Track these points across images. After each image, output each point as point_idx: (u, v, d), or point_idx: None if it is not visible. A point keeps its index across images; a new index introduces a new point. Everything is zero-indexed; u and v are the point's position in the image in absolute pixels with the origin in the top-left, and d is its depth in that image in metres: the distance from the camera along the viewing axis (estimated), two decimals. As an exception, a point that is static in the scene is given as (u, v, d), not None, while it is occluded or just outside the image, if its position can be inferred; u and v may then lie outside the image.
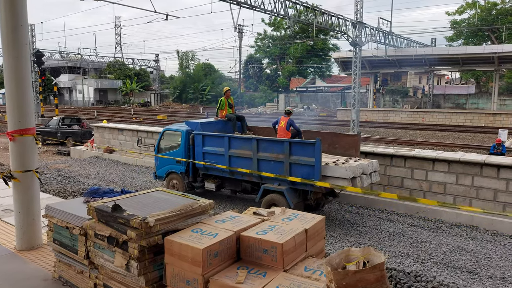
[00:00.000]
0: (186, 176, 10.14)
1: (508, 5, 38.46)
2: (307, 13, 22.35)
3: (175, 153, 10.19)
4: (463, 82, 46.91)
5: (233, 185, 9.78)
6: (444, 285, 5.06)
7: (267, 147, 8.53)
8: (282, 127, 9.56)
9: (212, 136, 9.51)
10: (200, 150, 9.56)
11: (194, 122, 10.33)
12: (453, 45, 40.04)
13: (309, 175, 7.92)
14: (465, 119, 30.89)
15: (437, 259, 7.14)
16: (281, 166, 8.30)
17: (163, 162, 10.54)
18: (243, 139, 9.05)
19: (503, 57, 29.47)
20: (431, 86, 37.96)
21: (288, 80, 51.78)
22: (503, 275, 6.53)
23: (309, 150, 7.94)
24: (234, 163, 8.97)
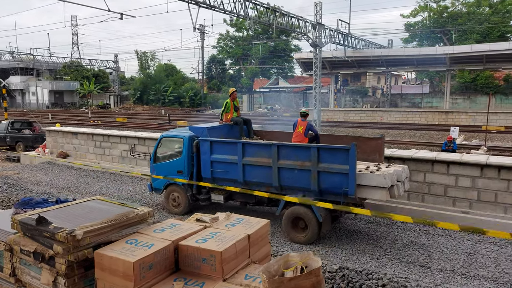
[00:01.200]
0: (189, 187, 9.05)
1: (458, 8, 40.51)
2: (267, 14, 22.41)
3: (176, 162, 9.12)
4: (418, 82, 48.95)
5: (245, 197, 8.61)
6: (394, 281, 5.12)
7: (290, 154, 7.61)
8: (300, 132, 8.74)
9: (223, 143, 8.49)
10: (207, 158, 8.47)
11: (199, 127, 9.23)
12: (408, 47, 41.70)
13: (342, 184, 7.08)
14: (420, 118, 32.16)
15: (391, 255, 7.28)
16: (307, 175, 7.41)
17: (161, 173, 9.39)
18: (261, 146, 8.06)
19: (454, 58, 30.96)
20: (388, 86, 39.28)
21: (252, 81, 51.87)
22: (453, 268, 6.75)
23: (342, 157, 7.07)
24: (249, 173, 8.04)
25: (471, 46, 30.99)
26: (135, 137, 14.50)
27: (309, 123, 8.83)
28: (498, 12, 38.20)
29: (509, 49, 28.48)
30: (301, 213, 7.56)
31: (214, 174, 8.51)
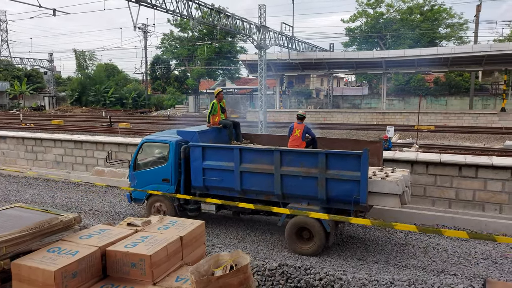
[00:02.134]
0: (176, 197, 8.40)
1: (392, 15, 43.15)
2: (212, 15, 22.29)
3: (160, 169, 8.43)
4: (358, 84, 51.42)
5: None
6: (330, 275, 5.32)
7: (295, 160, 7.13)
8: (297, 136, 8.38)
9: (217, 148, 7.96)
10: (198, 165, 7.88)
11: (189, 131, 8.59)
12: (348, 50, 43.66)
13: (352, 192, 6.71)
14: (360, 118, 33.78)
15: (331, 250, 7.56)
16: (313, 182, 6.96)
17: (143, 182, 8.64)
18: (261, 152, 7.53)
19: (390, 62, 32.90)
20: (330, 88, 40.83)
21: (198, 82, 51.32)
22: (387, 259, 7.15)
23: (352, 163, 6.67)
24: (248, 180, 7.53)
25: (405, 50, 33.12)
26: (72, 141, 13.73)
27: (306, 126, 8.48)
28: (428, 19, 41.27)
29: (437, 54, 30.85)
30: (307, 222, 7.05)
31: (206, 183, 7.87)
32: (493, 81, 40.03)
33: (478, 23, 35.20)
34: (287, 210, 6.97)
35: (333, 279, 5.22)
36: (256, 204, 7.62)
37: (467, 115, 31.02)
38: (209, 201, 7.91)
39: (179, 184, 8.29)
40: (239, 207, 7.96)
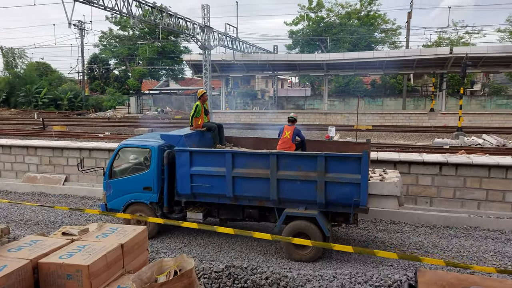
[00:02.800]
0: (159, 206, 7.93)
1: (332, 19, 44.95)
2: (153, 13, 21.69)
3: (141, 177, 7.93)
4: (301, 85, 52.91)
5: (232, 213, 7.84)
6: (276, 273, 5.41)
7: (292, 164, 6.93)
8: (287, 138, 8.18)
9: (207, 153, 7.57)
10: (185, 171, 7.40)
11: (175, 135, 8.09)
12: (291, 53, 44.74)
13: (352, 195, 6.63)
14: (303, 119, 34.76)
15: (277, 248, 7.69)
16: (312, 186, 6.82)
17: (120, 190, 8.10)
18: (256, 156, 7.17)
19: (330, 64, 34.23)
20: (275, 89, 41.56)
21: (140, 82, 49.65)
22: (331, 255, 7.42)
23: (352, 165, 6.59)
24: (241, 186, 7.20)
25: (344, 54, 34.67)
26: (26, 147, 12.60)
27: (296, 128, 8.27)
28: (364, 24, 43.57)
29: (373, 58, 32.66)
30: (305, 228, 6.94)
31: (194, 189, 7.44)
32: (423, 83, 43.29)
33: (409, 29, 37.86)
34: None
35: (279, 277, 5.31)
36: (248, 210, 7.57)
37: (400, 115, 33.18)
38: (195, 210, 7.63)
39: (162, 192, 7.80)
40: (230, 214, 7.80)
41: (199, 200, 7.73)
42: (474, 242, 7.98)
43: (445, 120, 30.92)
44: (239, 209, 7.72)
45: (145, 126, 29.92)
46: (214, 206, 7.88)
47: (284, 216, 7.08)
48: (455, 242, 7.98)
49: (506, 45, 38.61)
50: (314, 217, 6.87)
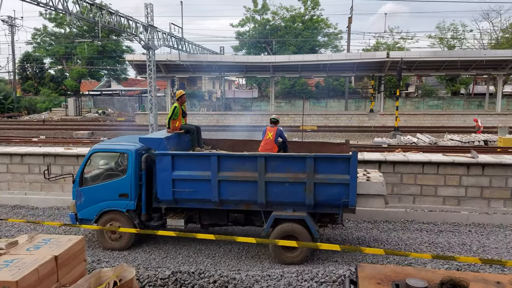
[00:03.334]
0: (137, 214, 7.53)
1: (277, 22, 45.79)
2: (92, 10, 20.62)
3: (116, 183, 7.50)
4: (248, 87, 53.31)
5: (215, 218, 7.63)
6: (224, 276, 5.37)
7: (281, 166, 6.87)
8: (270, 139, 8.10)
9: (190, 157, 7.29)
10: (167, 176, 7.10)
11: (155, 138, 7.65)
12: (238, 54, 44.91)
13: (341, 195, 6.68)
14: (251, 120, 35.02)
15: (225, 250, 7.64)
16: (301, 188, 6.80)
17: (92, 199, 7.59)
18: (243, 158, 7.01)
19: (276, 66, 34.82)
20: (222, 91, 41.44)
21: (78, 83, 47.04)
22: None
23: (341, 166, 6.66)
24: (227, 190, 7.03)
25: (289, 56, 35.44)
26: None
27: (279, 129, 8.23)
28: (308, 28, 44.90)
29: (317, 60, 33.75)
30: (293, 230, 6.89)
31: (177, 195, 7.16)
32: (363, 85, 45.55)
33: (350, 34, 39.64)
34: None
35: (227, 279, 5.28)
36: (233, 214, 7.43)
37: (343, 116, 34.60)
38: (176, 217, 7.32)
39: (140, 199, 7.45)
40: (213, 219, 7.60)
41: (180, 206, 7.47)
42: (410, 235, 8.51)
43: (383, 120, 32.73)
44: (223, 213, 7.52)
45: (85, 129, 28.43)
46: (196, 212, 7.63)
47: (272, 219, 6.97)
48: (393, 236, 8.45)
49: (436, 50, 41.81)
50: (303, 219, 6.85)
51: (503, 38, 44.66)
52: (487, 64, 31.85)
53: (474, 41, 47.65)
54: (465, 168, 9.59)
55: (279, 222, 6.99)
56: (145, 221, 7.57)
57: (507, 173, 9.43)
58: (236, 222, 7.68)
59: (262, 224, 7.32)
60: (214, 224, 7.87)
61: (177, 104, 8.41)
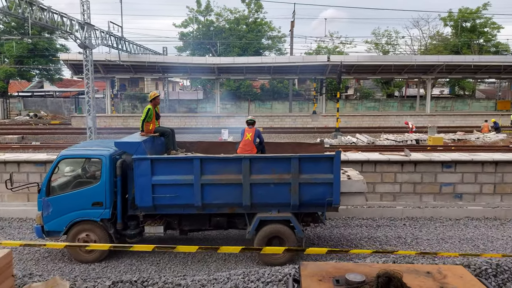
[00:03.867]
0: (112, 223, 7.11)
1: (221, 24, 45.72)
2: (21, 6, 19.10)
3: (89, 191, 7.06)
4: (193, 89, 52.62)
5: (197, 223, 7.43)
6: (169, 282, 5.22)
7: (265, 167, 6.81)
8: (249, 140, 8.02)
9: (171, 161, 7.02)
10: (146, 181, 6.74)
11: (132, 142, 7.16)
12: (182, 55, 44.16)
13: (325, 194, 6.79)
14: (196, 122, 34.62)
15: (170, 256, 7.44)
16: (286, 188, 6.80)
17: (61, 209, 7.07)
18: (227, 161, 6.88)
19: (221, 68, 34.76)
20: (166, 92, 40.50)
21: (6, 83, 43.32)
22: (225, 257, 7.46)
23: (325, 166, 6.78)
24: (210, 193, 6.84)
25: (234, 58, 35.54)
26: None
27: (257, 130, 8.19)
28: (252, 31, 45.34)
29: (261, 63, 34.21)
30: (279, 231, 6.92)
31: (157, 201, 6.83)
32: (306, 88, 46.96)
33: (293, 37, 40.71)
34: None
35: (172, 286, 5.14)
36: (216, 218, 7.35)
37: (287, 117, 35.41)
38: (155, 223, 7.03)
39: (115, 206, 7.08)
40: (195, 224, 7.43)
41: (160, 213, 7.18)
42: (351, 231, 8.90)
43: (325, 122, 33.98)
44: (205, 218, 7.38)
45: (14, 134, 26.33)
46: (175, 218, 7.39)
47: (257, 221, 6.93)
48: (336, 232, 8.78)
49: (373, 55, 44.31)
50: (288, 219, 6.93)
51: (431, 44, 48.49)
52: (417, 68, 34.38)
53: (406, 47, 51.19)
54: (399, 166, 10.23)
55: (264, 224, 6.99)
56: (120, 230, 7.22)
57: (436, 170, 10.21)
58: (219, 226, 7.59)
59: (245, 227, 7.28)
60: (195, 230, 7.71)
61: (150, 106, 8.04)
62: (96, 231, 7.18)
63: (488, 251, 7.62)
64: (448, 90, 51.62)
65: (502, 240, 8.20)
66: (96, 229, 7.19)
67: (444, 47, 44.72)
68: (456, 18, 44.78)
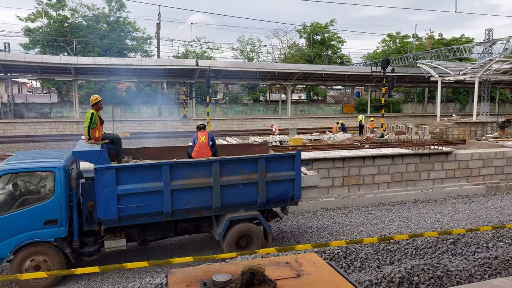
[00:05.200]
0: (67, 242, 6.51)
1: (78, 20, 41.66)
2: None
3: (40, 208, 6.28)
4: (45, 91, 46.64)
5: (163, 231, 7.29)
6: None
7: (234, 169, 7.02)
8: (204, 143, 8.12)
9: (138, 168, 6.69)
10: (111, 192, 6.41)
11: (92, 151, 6.57)
12: (30, 53, 38.66)
13: (288, 190, 7.34)
14: (50, 128, 30.83)
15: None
16: (253, 187, 7.12)
17: (5, 232, 6.15)
18: (197, 165, 6.93)
19: (79, 69, 31.70)
20: (10, 95, 34.91)
21: None
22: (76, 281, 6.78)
23: (288, 164, 7.35)
24: (180, 199, 6.78)
25: (94, 58, 32.74)
26: None
27: (210, 133, 8.36)
28: (115, 30, 42.53)
29: (126, 65, 32.35)
30: (250, 229, 7.22)
31: (122, 212, 6.50)
32: (176, 91, 46.34)
33: (159, 39, 39.64)
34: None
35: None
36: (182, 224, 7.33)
37: (157, 122, 34.34)
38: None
39: (71, 223, 6.47)
40: (160, 232, 7.29)
41: (125, 224, 6.77)
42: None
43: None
44: (170, 225, 7.26)
45: None
46: (136, 228, 7.04)
47: (227, 221, 7.03)
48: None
49: (239, 61, 46.38)
50: (257, 217, 7.27)
51: (290, 54, 53.30)
52: (279, 75, 37.38)
53: (268, 55, 55.13)
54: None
55: (234, 224, 7.15)
56: (77, 248, 6.62)
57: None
58: (185, 232, 7.56)
59: (210, 229, 7.52)
60: (159, 238, 7.52)
61: (93, 111, 7.39)
62: (48, 253, 6.42)
63: (340, 236, 8.67)
64: (305, 95, 57.47)
65: (351, 226, 9.44)
66: (49, 251, 6.42)
67: (300, 56, 49.73)
68: (309, 31, 50.20)
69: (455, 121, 29.51)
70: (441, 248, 6.38)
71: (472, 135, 27.39)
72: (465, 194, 12.16)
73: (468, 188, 12.49)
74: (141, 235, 7.19)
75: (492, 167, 13.27)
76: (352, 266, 5.81)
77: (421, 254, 6.20)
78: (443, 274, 5.19)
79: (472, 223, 8.93)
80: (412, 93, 53.08)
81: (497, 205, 10.85)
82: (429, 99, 49.94)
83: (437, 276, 5.15)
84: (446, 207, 10.73)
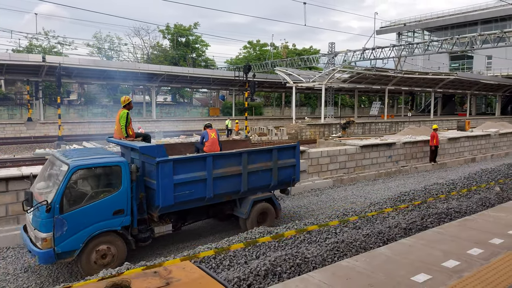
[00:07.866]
0: (128, 229, 6.96)
1: None
2: None
3: (110, 199, 6.68)
4: None
5: (198, 215, 8.41)
6: None
7: (257, 158, 8.46)
8: (215, 138, 9.30)
9: (189, 160, 7.62)
10: (169, 182, 7.12)
11: (154, 146, 7.44)
12: None
13: (291, 174, 9.19)
14: None
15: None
16: (269, 173, 8.71)
17: (80, 224, 6.33)
18: (232, 156, 8.12)
19: None
20: None
21: None
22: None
23: (291, 153, 9.20)
24: (219, 185, 7.88)
25: None
26: None
27: (216, 130, 9.51)
28: None
29: None
30: (267, 207, 8.71)
31: (178, 199, 7.30)
32: (17, 90, 40.04)
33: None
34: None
35: None
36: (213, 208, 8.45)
37: (-7, 126, 29.09)
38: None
39: (133, 212, 6.98)
40: (196, 216, 8.39)
41: (176, 210, 7.53)
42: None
43: (45, 130, 30.14)
44: (204, 210, 8.28)
45: None
46: (178, 214, 7.82)
47: (252, 202, 8.39)
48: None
49: (96, 59, 42.74)
50: (270, 197, 8.83)
51: (153, 54, 51.66)
52: (142, 76, 35.77)
53: (129, 54, 52.34)
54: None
55: (255, 204, 8.50)
56: (136, 235, 7.14)
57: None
58: (214, 215, 8.73)
59: (231, 211, 8.64)
60: (196, 221, 8.63)
61: (127, 111, 8.36)
62: (114, 241, 6.81)
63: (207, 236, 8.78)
64: (170, 97, 56.55)
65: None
66: (115, 239, 6.83)
67: (164, 57, 48.72)
68: (172, 32, 49.57)
69: (307, 123, 33.12)
70: (299, 238, 7.04)
71: (321, 135, 31.20)
72: (317, 187, 13.68)
73: (319, 182, 14.10)
74: (182, 220, 8.10)
75: (337, 163, 15.28)
76: (221, 265, 5.93)
77: (283, 245, 6.72)
78: (301, 262, 5.72)
79: (323, 212, 10.12)
80: (272, 97, 57.53)
81: (341, 195, 12.55)
82: (286, 103, 54.84)
83: (297, 264, 5.64)
84: (302, 200, 11.89)
